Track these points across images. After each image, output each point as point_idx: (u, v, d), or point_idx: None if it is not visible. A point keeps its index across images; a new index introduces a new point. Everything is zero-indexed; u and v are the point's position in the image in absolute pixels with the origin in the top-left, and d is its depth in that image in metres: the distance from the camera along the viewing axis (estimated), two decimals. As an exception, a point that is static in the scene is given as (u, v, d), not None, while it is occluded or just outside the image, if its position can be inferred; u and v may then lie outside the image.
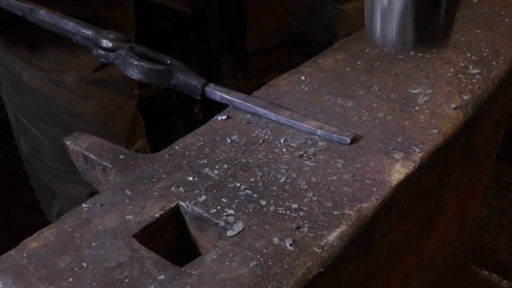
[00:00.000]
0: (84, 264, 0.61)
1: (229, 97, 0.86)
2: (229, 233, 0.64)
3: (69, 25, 0.93)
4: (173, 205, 0.69)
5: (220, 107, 0.88)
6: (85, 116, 1.26)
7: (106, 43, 0.88)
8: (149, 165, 0.75)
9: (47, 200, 1.48)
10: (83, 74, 1.21)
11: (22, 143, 1.37)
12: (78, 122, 1.25)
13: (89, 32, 0.91)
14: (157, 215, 0.67)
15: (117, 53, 0.87)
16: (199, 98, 0.87)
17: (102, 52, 0.89)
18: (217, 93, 0.86)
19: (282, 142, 0.79)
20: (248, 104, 0.85)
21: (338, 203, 0.69)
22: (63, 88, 1.23)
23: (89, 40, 0.91)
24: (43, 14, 0.95)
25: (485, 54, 0.99)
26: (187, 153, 0.77)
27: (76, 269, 0.60)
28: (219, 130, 0.82)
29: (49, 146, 1.30)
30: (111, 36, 0.89)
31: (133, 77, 0.85)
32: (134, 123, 1.35)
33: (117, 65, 0.87)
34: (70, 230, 0.65)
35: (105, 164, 0.77)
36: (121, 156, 0.77)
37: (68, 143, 0.82)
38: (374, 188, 0.71)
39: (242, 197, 0.70)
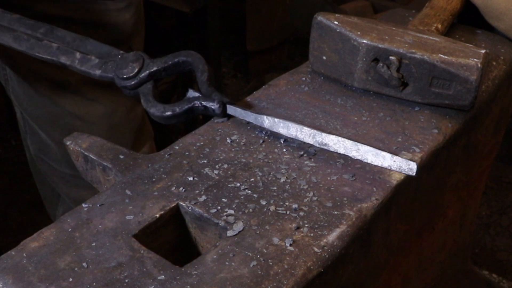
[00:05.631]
0: (84, 264, 0.61)
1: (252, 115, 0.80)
2: (229, 233, 0.64)
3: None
4: (173, 205, 0.69)
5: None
6: (90, 120, 1.25)
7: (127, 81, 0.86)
8: (149, 165, 0.75)
9: (52, 202, 1.48)
10: (88, 76, 1.21)
11: (29, 143, 1.37)
12: (84, 125, 1.24)
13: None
14: (157, 215, 0.67)
15: (141, 90, 0.85)
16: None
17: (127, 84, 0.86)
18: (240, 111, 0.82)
19: (282, 142, 0.79)
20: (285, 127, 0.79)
21: (338, 203, 0.69)
22: (68, 91, 1.22)
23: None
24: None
25: (485, 54, 0.99)
26: (187, 153, 0.77)
27: (76, 269, 0.60)
28: (219, 130, 0.82)
29: (55, 149, 1.29)
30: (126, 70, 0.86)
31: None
32: (141, 129, 1.34)
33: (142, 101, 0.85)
34: (70, 230, 0.65)
35: (105, 164, 0.77)
36: (121, 156, 0.77)
37: (68, 143, 0.82)
38: (374, 188, 0.71)
39: (242, 197, 0.70)
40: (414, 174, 0.70)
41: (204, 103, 0.81)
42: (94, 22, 1.16)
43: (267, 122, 0.79)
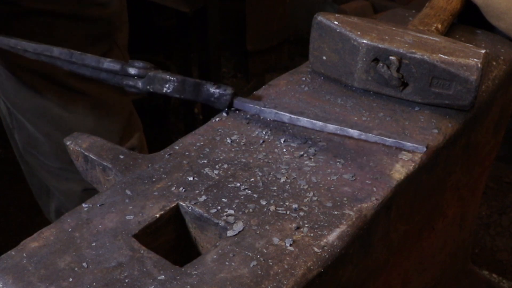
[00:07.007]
0: (84, 264, 0.61)
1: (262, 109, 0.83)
2: (229, 233, 0.64)
3: (92, 59, 0.91)
4: (173, 205, 0.69)
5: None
6: (78, 112, 1.26)
7: (133, 70, 0.87)
8: (149, 165, 0.75)
9: (42, 197, 1.48)
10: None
11: (16, 138, 1.37)
12: (71, 117, 1.25)
13: (114, 65, 0.89)
14: (157, 215, 0.67)
15: (147, 77, 0.86)
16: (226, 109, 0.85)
17: (131, 82, 0.88)
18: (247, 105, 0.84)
19: (282, 142, 0.79)
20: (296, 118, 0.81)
21: (338, 203, 0.69)
22: (55, 83, 1.22)
23: (115, 74, 0.89)
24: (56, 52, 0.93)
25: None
26: (187, 153, 0.77)
27: (76, 269, 0.61)
28: (219, 130, 0.82)
29: (43, 141, 1.29)
30: (138, 64, 0.88)
31: (167, 93, 0.84)
32: (129, 120, 1.34)
33: (149, 88, 0.86)
34: (70, 230, 0.65)
35: (105, 164, 0.77)
36: (121, 156, 0.77)
37: (68, 143, 0.82)
38: (374, 188, 0.71)
39: (242, 197, 0.70)
40: (423, 151, 0.74)
41: (215, 90, 0.82)
42: (79, 16, 1.17)
43: (272, 115, 0.81)
